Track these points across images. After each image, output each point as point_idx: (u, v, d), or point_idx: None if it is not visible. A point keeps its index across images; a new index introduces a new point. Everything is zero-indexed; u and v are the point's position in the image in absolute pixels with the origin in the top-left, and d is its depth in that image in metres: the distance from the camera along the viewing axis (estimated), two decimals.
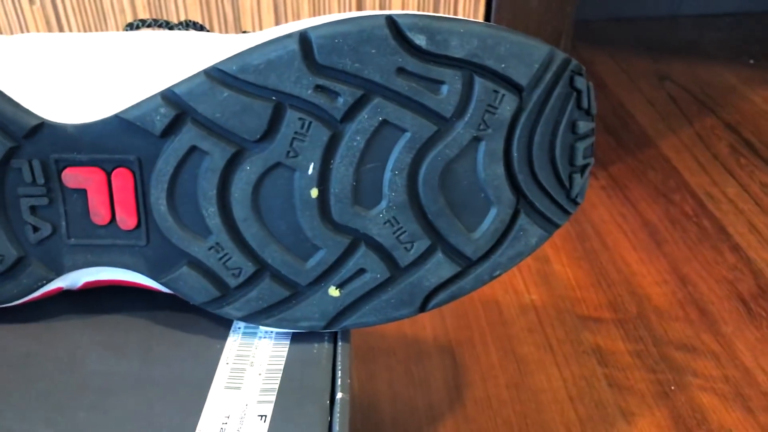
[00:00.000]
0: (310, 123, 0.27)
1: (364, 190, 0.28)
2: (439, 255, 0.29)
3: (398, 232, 0.29)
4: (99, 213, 0.29)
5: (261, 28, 0.54)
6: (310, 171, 0.28)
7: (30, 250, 0.29)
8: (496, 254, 0.30)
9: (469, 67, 0.27)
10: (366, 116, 0.27)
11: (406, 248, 0.29)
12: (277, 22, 0.54)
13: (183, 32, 0.30)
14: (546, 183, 0.29)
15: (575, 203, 0.31)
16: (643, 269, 0.57)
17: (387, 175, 0.28)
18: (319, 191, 0.28)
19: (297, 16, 0.54)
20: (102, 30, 0.54)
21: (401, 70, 0.27)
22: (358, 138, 0.27)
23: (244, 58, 0.26)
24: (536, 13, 0.55)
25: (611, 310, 0.53)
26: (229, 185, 0.28)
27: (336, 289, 0.29)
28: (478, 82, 0.27)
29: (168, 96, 0.27)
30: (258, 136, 0.27)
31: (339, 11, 0.54)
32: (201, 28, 0.34)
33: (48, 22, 0.53)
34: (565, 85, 0.28)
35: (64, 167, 0.28)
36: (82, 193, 0.29)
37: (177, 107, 0.27)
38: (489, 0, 0.56)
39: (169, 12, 0.53)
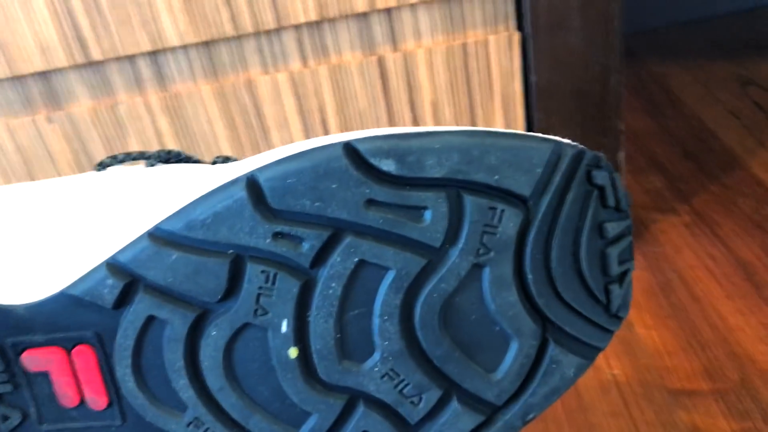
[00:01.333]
0: (276, 275, 0.23)
1: (351, 342, 0.24)
2: (455, 405, 0.24)
3: (400, 385, 0.24)
4: (67, 394, 0.26)
5: (284, 112, 0.51)
6: (284, 328, 0.23)
7: None
8: (526, 394, 0.25)
9: (455, 186, 0.22)
10: (339, 259, 0.23)
11: (413, 402, 0.24)
12: (299, 104, 0.51)
13: (128, 179, 0.26)
14: (575, 303, 0.24)
15: (618, 318, 0.25)
16: (741, 322, 0.50)
17: (375, 321, 0.23)
18: (299, 350, 0.24)
19: (319, 95, 0.51)
20: (123, 141, 0.52)
21: (371, 202, 0.22)
22: (333, 284, 0.23)
23: (189, 213, 0.23)
24: (579, 53, 0.49)
25: (708, 379, 0.46)
26: (198, 353, 0.24)
27: None
28: (469, 201, 0.22)
29: (114, 265, 0.24)
30: (219, 297, 0.23)
31: (363, 88, 0.50)
32: (178, 155, 0.31)
33: (68, 139, 0.52)
34: (581, 184, 0.23)
35: (22, 350, 0.25)
36: (46, 375, 0.26)
37: (125, 276, 0.23)
38: (525, 49, 0.50)
39: (185, 107, 0.51)
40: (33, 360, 0.25)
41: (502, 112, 0.52)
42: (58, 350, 0.25)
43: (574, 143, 0.24)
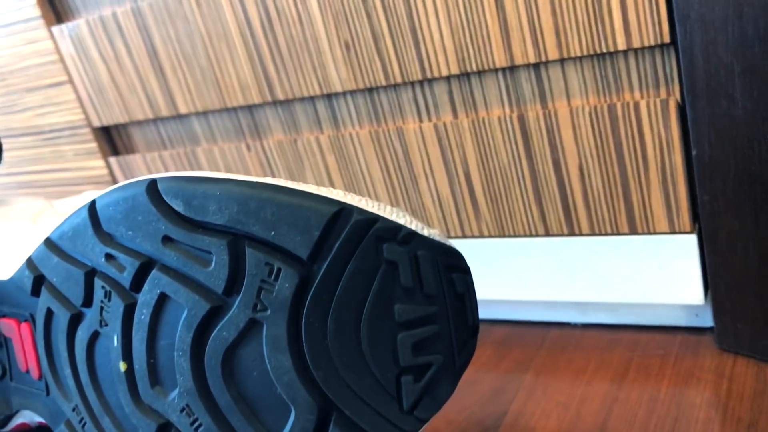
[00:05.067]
0: (110, 292, 0.25)
1: (162, 370, 0.25)
2: None
3: (195, 424, 0.24)
4: (21, 360, 0.31)
5: (429, 161, 0.52)
6: (115, 342, 0.26)
7: None
8: None
9: (236, 235, 0.22)
10: (148, 288, 0.24)
11: None
12: (443, 155, 0.51)
13: (68, 203, 0.31)
14: (357, 387, 0.22)
15: (415, 418, 0.22)
16: None
17: (174, 355, 0.24)
18: (127, 365, 0.26)
19: (461, 148, 0.50)
20: (302, 173, 0.58)
21: (167, 239, 0.23)
22: (144, 311, 0.25)
23: (62, 226, 0.27)
24: (743, 126, 0.41)
25: None
26: (74, 349, 0.28)
27: None
28: (249, 253, 0.22)
29: (29, 260, 0.28)
30: (81, 302, 0.27)
31: (504, 144, 0.49)
32: None
33: (261, 165, 0.60)
34: (367, 256, 0.21)
35: (0, 317, 0.32)
36: (11, 341, 0.32)
37: (35, 270, 0.28)
38: (687, 137, 0.43)
39: (348, 148, 0.55)
40: (4, 326, 0.31)
41: (661, 187, 0.46)
42: (14, 322, 0.31)
43: (372, 209, 0.22)
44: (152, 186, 0.24)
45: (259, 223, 0.22)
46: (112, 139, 0.68)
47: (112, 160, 0.66)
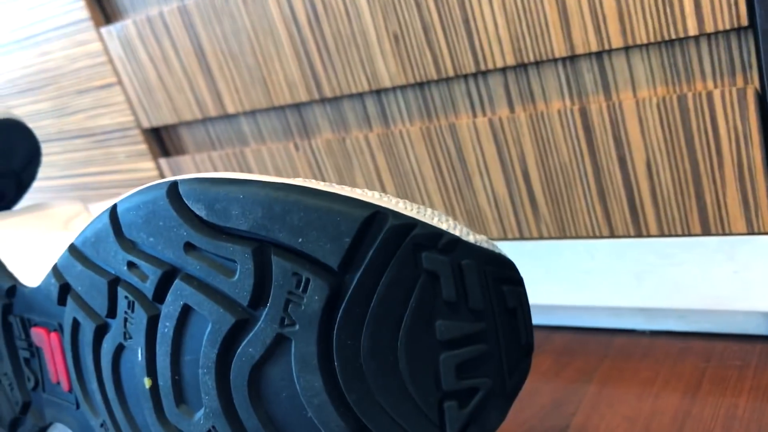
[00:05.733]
0: (133, 303, 0.24)
1: (187, 388, 0.23)
2: None
3: None
4: (51, 371, 0.30)
5: (484, 158, 0.49)
6: (140, 357, 0.24)
7: (32, 396, 0.32)
8: None
9: (262, 242, 0.20)
10: (171, 299, 0.22)
11: None
12: (499, 152, 0.48)
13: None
14: (395, 412, 0.19)
15: None
16: None
17: (199, 372, 0.22)
18: (152, 381, 0.24)
19: (518, 144, 0.47)
20: (350, 173, 0.56)
21: (190, 246, 0.21)
22: (168, 324, 0.23)
23: (85, 231, 0.25)
24: None
25: None
26: (99, 362, 0.26)
27: None
28: (275, 262, 0.20)
29: (55, 268, 0.27)
30: (105, 312, 0.25)
31: (564, 139, 0.46)
32: None
33: (310, 166, 0.58)
34: (405, 266, 0.19)
35: (32, 326, 0.30)
36: (42, 351, 0.30)
37: (60, 279, 0.27)
38: (766, 129, 0.40)
39: (398, 146, 0.53)
40: (35, 335, 0.30)
41: (737, 184, 0.42)
42: (44, 332, 0.30)
43: (410, 213, 0.19)
44: (173, 189, 0.22)
45: (285, 229, 0.20)
46: (162, 141, 0.67)
47: (162, 161, 0.66)
